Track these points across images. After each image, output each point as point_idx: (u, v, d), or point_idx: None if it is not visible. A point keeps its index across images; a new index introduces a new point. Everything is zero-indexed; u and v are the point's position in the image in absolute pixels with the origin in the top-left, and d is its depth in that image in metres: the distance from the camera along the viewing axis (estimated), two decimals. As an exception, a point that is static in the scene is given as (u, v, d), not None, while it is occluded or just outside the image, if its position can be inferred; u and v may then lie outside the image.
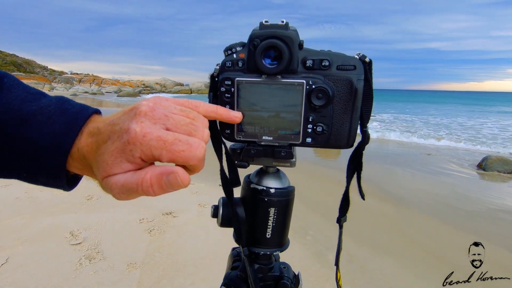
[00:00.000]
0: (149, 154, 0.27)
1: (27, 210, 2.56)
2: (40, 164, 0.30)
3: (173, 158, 0.27)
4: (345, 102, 0.37)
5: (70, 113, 0.31)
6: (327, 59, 0.36)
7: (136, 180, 0.27)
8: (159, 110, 0.29)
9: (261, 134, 0.39)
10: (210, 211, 0.47)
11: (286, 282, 0.45)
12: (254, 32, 0.36)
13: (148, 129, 0.27)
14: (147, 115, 0.28)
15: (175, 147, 0.27)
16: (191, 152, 0.27)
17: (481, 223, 2.98)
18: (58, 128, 0.30)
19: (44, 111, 0.30)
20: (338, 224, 0.46)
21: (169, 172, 0.27)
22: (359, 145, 0.41)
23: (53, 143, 0.30)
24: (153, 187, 0.27)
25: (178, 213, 2.65)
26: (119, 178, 0.28)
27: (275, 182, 0.44)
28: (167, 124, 0.29)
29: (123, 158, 0.27)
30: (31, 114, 0.30)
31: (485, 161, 5.27)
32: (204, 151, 0.29)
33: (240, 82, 0.37)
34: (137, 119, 0.28)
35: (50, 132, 0.30)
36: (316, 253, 2.21)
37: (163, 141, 0.27)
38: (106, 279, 1.76)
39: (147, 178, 0.27)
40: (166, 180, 0.27)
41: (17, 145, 0.30)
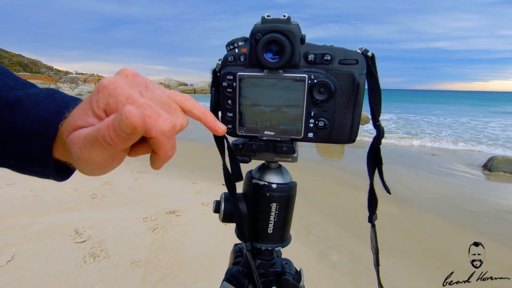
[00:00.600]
0: (114, 108, 0.25)
1: (33, 208, 2.59)
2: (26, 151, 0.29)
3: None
4: (347, 97, 0.37)
5: (59, 101, 0.30)
6: (329, 54, 0.36)
7: (97, 128, 0.24)
8: (141, 79, 0.28)
9: (263, 129, 0.39)
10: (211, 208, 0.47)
11: (288, 278, 0.44)
12: (256, 27, 0.36)
13: (122, 84, 0.26)
14: (127, 76, 0.27)
15: (142, 110, 0.24)
16: (157, 121, 0.25)
17: (486, 224, 2.94)
18: (45, 113, 0.29)
19: (31, 97, 0.30)
20: (370, 223, 0.46)
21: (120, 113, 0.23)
22: (375, 140, 0.40)
23: (39, 128, 0.29)
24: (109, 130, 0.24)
25: (181, 212, 2.66)
26: (83, 130, 0.26)
27: (277, 177, 0.44)
28: (144, 93, 0.27)
29: (89, 110, 0.25)
30: (18, 99, 0.30)
31: (491, 161, 5.21)
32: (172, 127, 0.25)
33: (242, 77, 0.37)
34: (116, 76, 0.27)
35: (37, 118, 0.29)
36: (319, 253, 2.21)
37: (133, 99, 0.25)
38: (110, 277, 1.77)
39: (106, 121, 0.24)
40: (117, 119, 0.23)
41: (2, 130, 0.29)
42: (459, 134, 9.99)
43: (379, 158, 0.41)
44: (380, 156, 0.41)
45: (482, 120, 15.56)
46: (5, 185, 3.09)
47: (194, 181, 3.55)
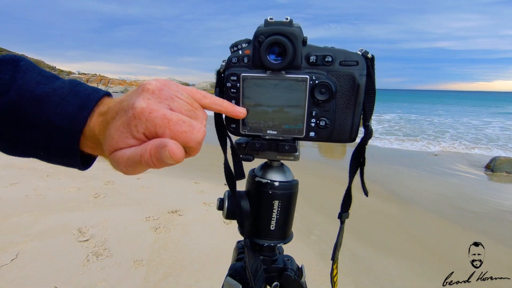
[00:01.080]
0: (152, 131, 0.28)
1: (36, 208, 2.61)
2: (55, 143, 0.32)
3: (175, 137, 0.28)
4: (348, 97, 0.38)
5: (82, 94, 0.32)
6: (330, 55, 0.37)
7: (140, 151, 0.28)
8: (166, 91, 0.30)
9: (266, 128, 0.40)
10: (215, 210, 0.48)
11: (290, 274, 0.45)
12: (259, 29, 0.37)
13: (154, 106, 0.28)
14: (154, 93, 0.29)
15: (178, 127, 0.28)
16: (193, 134, 0.28)
17: (488, 224, 2.94)
18: (71, 109, 0.31)
19: (57, 93, 0.32)
20: (340, 219, 0.47)
21: (163, 145, 0.27)
22: (362, 140, 0.41)
23: (66, 123, 0.31)
24: (152, 158, 0.28)
25: (183, 212, 2.68)
26: (125, 151, 0.29)
27: (279, 175, 0.45)
28: (171, 105, 0.30)
29: (128, 133, 0.28)
30: (45, 95, 0.31)
31: (494, 162, 5.20)
32: (203, 135, 0.29)
33: (245, 78, 0.38)
34: (144, 96, 0.29)
35: (64, 113, 0.31)
36: (321, 253, 2.21)
37: (167, 119, 0.28)
38: (112, 276, 1.79)
39: (148, 149, 0.28)
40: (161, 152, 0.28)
41: (33, 124, 0.31)
42: (461, 135, 9.96)
43: (363, 158, 0.42)
44: (364, 156, 0.42)
45: (483, 120, 15.50)
46: (9, 184, 3.11)
47: (196, 181, 3.56)
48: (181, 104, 0.30)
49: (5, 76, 0.31)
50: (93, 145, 0.32)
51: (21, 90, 0.31)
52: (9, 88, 0.31)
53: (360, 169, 0.43)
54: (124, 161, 0.29)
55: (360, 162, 0.42)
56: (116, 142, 0.29)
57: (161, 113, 0.28)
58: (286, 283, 0.47)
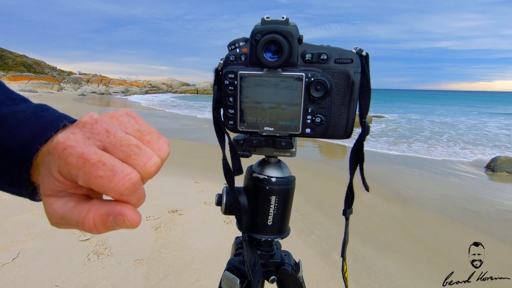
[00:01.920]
0: (65, 172, 0.23)
1: (38, 207, 2.62)
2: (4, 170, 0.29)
3: (89, 182, 0.23)
4: (343, 94, 0.39)
5: (45, 120, 0.29)
6: (325, 53, 0.38)
7: (76, 217, 0.24)
8: (101, 124, 0.25)
9: (263, 125, 0.41)
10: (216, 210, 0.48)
11: (287, 268, 0.46)
12: (256, 28, 0.38)
13: (73, 142, 0.23)
14: (85, 126, 0.24)
15: (94, 170, 0.22)
16: (111, 182, 0.22)
17: (490, 224, 2.94)
18: (28, 133, 0.28)
19: (17, 115, 0.29)
20: (344, 216, 0.47)
21: (116, 214, 0.24)
22: (360, 136, 0.42)
23: (20, 148, 0.28)
24: (97, 227, 0.24)
25: (184, 211, 2.69)
26: (57, 207, 0.25)
27: (276, 171, 0.45)
28: (104, 141, 0.24)
29: (46, 171, 0.24)
30: (3, 117, 0.29)
31: (494, 162, 5.20)
32: (130, 184, 0.23)
33: (242, 75, 0.39)
34: (71, 130, 0.24)
35: (19, 137, 0.28)
36: (321, 252, 2.22)
37: (83, 159, 0.22)
38: (113, 274, 1.80)
39: (89, 218, 0.24)
40: (113, 220, 0.24)
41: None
42: (461, 135, 9.95)
43: (361, 154, 0.43)
44: (362, 152, 0.43)
45: (483, 120, 15.49)
46: (10, 184, 3.13)
47: (197, 181, 3.57)
48: (119, 139, 0.24)
49: None
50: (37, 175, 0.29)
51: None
52: None
53: (359, 165, 0.43)
54: (56, 218, 0.25)
55: (359, 158, 0.43)
56: (42, 182, 0.25)
57: (78, 151, 0.22)
58: (283, 277, 0.47)
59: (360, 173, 0.44)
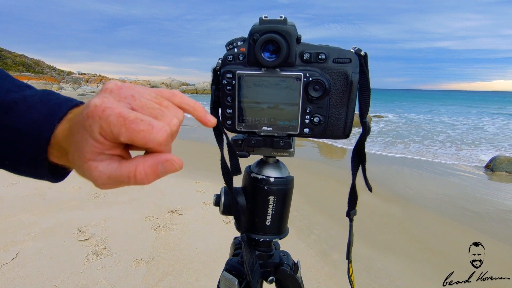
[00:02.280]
0: (108, 131, 0.25)
1: (37, 207, 2.62)
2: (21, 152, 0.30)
3: (132, 137, 0.25)
4: (341, 94, 0.39)
5: (53, 103, 0.31)
6: (323, 53, 0.38)
7: (127, 173, 0.26)
8: (126, 90, 0.28)
9: (261, 125, 0.41)
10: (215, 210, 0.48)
11: (286, 268, 0.46)
12: (254, 27, 0.38)
13: (110, 104, 0.26)
14: (112, 92, 0.27)
15: (135, 125, 0.25)
16: (151, 134, 0.25)
17: (489, 224, 2.94)
18: (39, 116, 0.30)
19: (27, 100, 0.31)
20: (348, 217, 0.47)
21: (163, 161, 0.27)
22: (361, 137, 0.42)
23: (34, 130, 0.30)
24: (148, 177, 0.27)
25: (183, 211, 2.68)
26: (103, 169, 0.27)
27: (274, 171, 0.45)
28: (132, 104, 0.27)
29: (87, 136, 0.26)
30: (14, 102, 0.31)
31: (493, 161, 5.20)
32: (166, 135, 0.26)
33: (241, 75, 0.39)
34: (101, 95, 0.27)
35: (31, 120, 0.30)
36: (320, 252, 2.22)
37: (123, 117, 0.25)
38: (112, 274, 1.79)
39: (140, 170, 0.27)
40: (162, 167, 0.27)
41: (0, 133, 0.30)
42: (460, 134, 9.95)
43: (363, 154, 0.43)
44: (364, 152, 0.43)
45: (481, 119, 15.52)
46: (9, 184, 3.12)
47: (196, 180, 3.57)
48: (143, 103, 0.28)
49: None
50: (59, 153, 0.31)
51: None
52: None
53: (361, 165, 0.43)
54: (103, 180, 0.27)
55: (360, 158, 0.43)
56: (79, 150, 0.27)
57: (116, 111, 0.25)
58: (282, 278, 0.47)
59: (363, 174, 0.44)
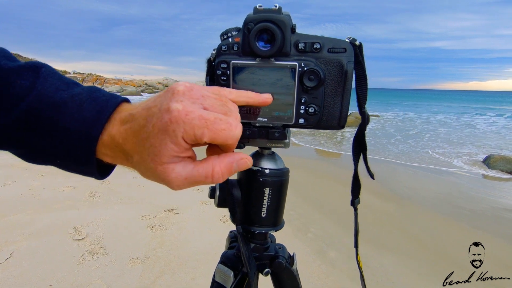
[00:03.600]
0: (191, 134, 0.27)
1: (31, 207, 2.59)
2: (71, 150, 0.31)
3: (214, 137, 0.27)
4: (336, 84, 0.39)
5: (100, 100, 0.32)
6: (318, 42, 0.38)
7: (204, 173, 0.29)
8: (196, 91, 0.29)
9: (256, 116, 0.41)
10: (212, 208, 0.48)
11: (281, 261, 0.46)
12: (249, 16, 0.38)
13: (189, 107, 0.27)
14: (185, 94, 0.28)
15: (216, 125, 0.27)
16: (231, 131, 0.28)
17: (484, 222, 2.97)
18: (89, 114, 0.31)
19: (75, 99, 0.31)
20: (353, 206, 0.48)
21: (238, 159, 0.31)
22: (360, 126, 0.42)
23: (83, 129, 0.30)
24: (223, 175, 0.30)
25: (180, 210, 2.67)
26: (180, 171, 0.29)
27: (270, 163, 0.45)
28: (204, 104, 0.29)
29: (167, 140, 0.27)
30: (63, 101, 0.31)
31: (488, 160, 5.25)
32: (241, 130, 0.30)
33: (235, 65, 0.39)
34: (177, 98, 0.28)
35: (81, 119, 0.30)
36: (318, 250, 2.22)
37: (205, 119, 0.27)
38: (108, 274, 1.78)
39: (218, 170, 0.29)
40: (236, 166, 0.31)
41: (51, 130, 0.31)
42: (455, 134, 10.04)
43: (363, 144, 0.43)
44: (364, 142, 0.43)
45: (476, 119, 15.70)
46: (3, 183, 3.09)
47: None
48: (213, 102, 0.30)
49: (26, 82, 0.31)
50: (113, 153, 0.32)
51: (40, 96, 0.31)
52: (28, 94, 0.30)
53: (363, 154, 0.44)
54: (180, 181, 0.29)
55: (361, 148, 0.43)
56: (159, 151, 0.28)
57: (197, 114, 0.27)
58: (277, 270, 0.47)
59: (364, 162, 0.44)
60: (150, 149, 0.28)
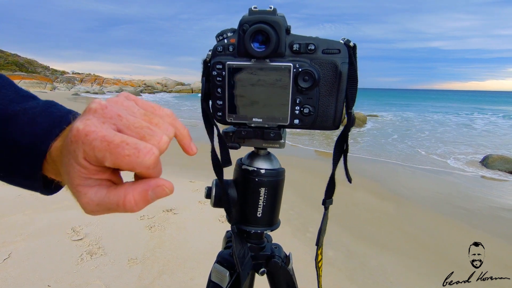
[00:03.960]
0: (92, 156, 0.24)
1: (29, 207, 2.59)
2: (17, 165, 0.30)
3: (117, 162, 0.24)
4: (331, 85, 0.39)
5: (55, 116, 0.31)
6: (313, 43, 0.38)
7: (116, 201, 0.26)
8: (111, 109, 0.26)
9: (251, 116, 0.41)
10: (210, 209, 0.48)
11: (277, 260, 0.46)
12: (244, 18, 0.38)
13: (93, 127, 0.24)
14: (96, 112, 0.26)
15: (120, 150, 0.24)
16: (138, 158, 0.24)
17: (482, 221, 2.98)
18: (39, 129, 0.30)
19: (28, 112, 0.31)
20: (324, 205, 0.48)
21: (154, 186, 0.27)
22: (345, 127, 0.42)
23: (32, 143, 0.29)
24: (137, 204, 0.27)
25: (178, 210, 2.67)
26: (91, 196, 0.26)
27: (265, 163, 0.45)
28: (118, 124, 0.26)
29: (72, 160, 0.25)
30: (15, 114, 0.30)
31: (486, 159, 5.27)
32: (154, 158, 0.25)
33: (230, 66, 0.39)
34: (84, 117, 0.25)
35: (31, 133, 0.30)
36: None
37: (107, 142, 0.24)
38: (107, 274, 1.78)
39: (130, 198, 0.26)
40: (152, 193, 0.27)
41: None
42: (453, 133, 10.06)
43: (346, 145, 0.43)
44: (347, 143, 0.43)
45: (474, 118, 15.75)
46: (1, 184, 3.07)
47: (191, 180, 3.56)
48: (131, 122, 0.26)
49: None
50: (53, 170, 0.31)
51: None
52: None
53: (343, 156, 0.44)
54: (92, 207, 0.27)
55: (343, 149, 0.43)
56: (68, 173, 0.26)
57: (100, 135, 0.24)
58: (273, 269, 0.47)
59: (344, 164, 0.44)
60: (65, 168, 0.26)
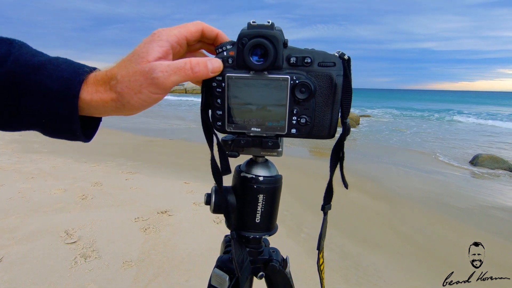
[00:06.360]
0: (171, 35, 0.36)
1: (21, 210, 2.55)
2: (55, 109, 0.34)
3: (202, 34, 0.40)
4: (326, 96, 0.41)
5: (76, 64, 0.36)
6: (309, 57, 0.40)
7: (183, 60, 0.36)
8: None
9: (250, 126, 0.42)
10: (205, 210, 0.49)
11: (275, 264, 0.48)
12: (243, 32, 0.39)
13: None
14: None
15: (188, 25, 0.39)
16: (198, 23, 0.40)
17: (473, 220, 3.04)
18: (67, 74, 0.34)
19: (52, 61, 0.35)
20: (323, 211, 0.50)
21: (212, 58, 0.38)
22: (341, 136, 0.44)
23: (63, 87, 0.33)
24: (199, 65, 0.36)
25: (173, 212, 2.67)
26: (162, 61, 0.35)
27: (263, 170, 0.47)
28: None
29: (154, 44, 0.35)
30: (41, 64, 0.34)
31: (476, 159, 5.38)
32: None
33: (230, 78, 0.40)
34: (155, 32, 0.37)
35: (60, 77, 0.33)
36: (311, 250, 2.25)
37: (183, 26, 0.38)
38: (102, 277, 1.77)
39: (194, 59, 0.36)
40: (210, 63, 0.37)
41: (32, 91, 0.33)
42: (443, 133, 10.23)
43: (342, 153, 0.45)
44: (343, 151, 0.45)
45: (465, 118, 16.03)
46: (-8, 187, 3.03)
47: (186, 181, 3.55)
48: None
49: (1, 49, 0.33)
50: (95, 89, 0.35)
51: (18, 61, 0.33)
52: (6, 60, 0.33)
53: (340, 163, 0.45)
54: (164, 67, 0.34)
55: (339, 156, 0.45)
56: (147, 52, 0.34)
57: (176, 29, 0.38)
58: (271, 273, 0.49)
59: (340, 171, 0.46)
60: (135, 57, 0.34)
